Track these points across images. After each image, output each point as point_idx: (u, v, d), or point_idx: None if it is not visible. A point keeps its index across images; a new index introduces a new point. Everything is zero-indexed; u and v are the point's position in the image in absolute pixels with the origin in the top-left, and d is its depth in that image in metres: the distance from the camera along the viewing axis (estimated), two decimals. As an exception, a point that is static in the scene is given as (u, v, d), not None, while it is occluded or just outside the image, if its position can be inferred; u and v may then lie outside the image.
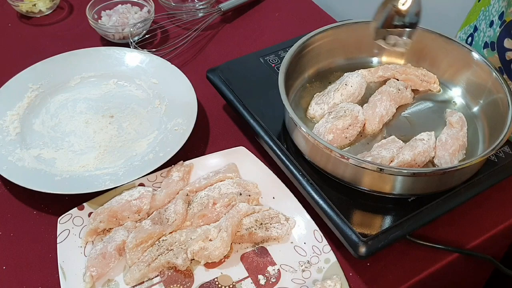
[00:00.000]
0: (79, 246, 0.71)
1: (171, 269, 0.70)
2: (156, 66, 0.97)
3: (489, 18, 0.84)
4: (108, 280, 0.69)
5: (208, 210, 0.74)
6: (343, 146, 0.78)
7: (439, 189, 0.72)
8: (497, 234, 0.77)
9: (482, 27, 0.86)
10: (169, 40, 1.09)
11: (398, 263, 0.73)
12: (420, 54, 0.89)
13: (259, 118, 0.82)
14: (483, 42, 0.86)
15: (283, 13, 1.18)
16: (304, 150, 0.75)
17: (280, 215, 0.74)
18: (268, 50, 0.95)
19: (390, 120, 0.82)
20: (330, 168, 0.72)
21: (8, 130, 0.86)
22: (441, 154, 0.75)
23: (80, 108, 0.92)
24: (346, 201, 0.71)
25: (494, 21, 0.82)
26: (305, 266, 0.70)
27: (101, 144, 0.85)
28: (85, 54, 0.98)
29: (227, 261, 0.71)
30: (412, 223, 0.70)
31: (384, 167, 0.68)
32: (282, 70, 0.78)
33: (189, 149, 0.86)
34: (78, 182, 0.78)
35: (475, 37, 0.81)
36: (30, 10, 1.13)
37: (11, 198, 0.80)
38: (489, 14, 0.84)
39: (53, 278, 0.70)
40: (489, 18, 0.84)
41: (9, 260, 0.72)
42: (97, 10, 1.09)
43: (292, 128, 0.76)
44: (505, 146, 0.78)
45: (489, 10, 0.85)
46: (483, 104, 0.83)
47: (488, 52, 0.84)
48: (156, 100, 0.93)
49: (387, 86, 0.84)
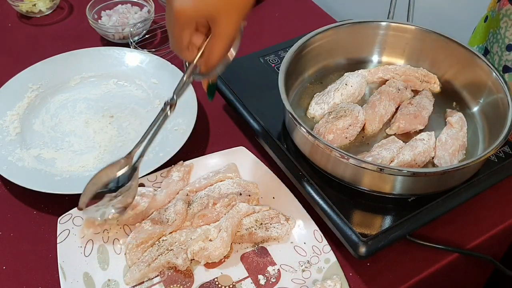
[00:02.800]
0: (79, 246, 0.71)
1: (171, 269, 0.70)
2: (156, 66, 0.97)
3: (503, 41, 0.84)
4: (108, 280, 0.69)
5: (208, 210, 0.74)
6: (343, 146, 0.78)
7: (439, 189, 0.72)
8: (497, 234, 0.77)
9: (496, 50, 0.86)
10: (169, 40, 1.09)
11: (398, 263, 0.73)
12: (420, 54, 0.89)
13: (259, 118, 0.82)
14: (500, 65, 0.86)
15: (283, 13, 1.18)
16: (304, 150, 0.75)
17: (280, 215, 0.74)
18: (268, 50, 0.95)
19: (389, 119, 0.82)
20: (330, 168, 0.72)
21: (8, 130, 0.86)
22: (441, 154, 0.75)
23: (80, 108, 0.92)
24: (346, 201, 0.71)
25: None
26: (305, 266, 0.70)
27: (101, 144, 0.85)
28: (85, 54, 0.98)
29: (227, 261, 0.71)
30: (412, 223, 0.70)
31: (384, 167, 0.68)
32: (282, 70, 0.78)
33: (189, 149, 0.85)
34: (78, 182, 0.78)
35: (488, 59, 0.81)
36: (30, 10, 1.13)
37: (11, 198, 0.80)
38: (502, 38, 0.84)
39: (53, 278, 0.70)
40: (503, 41, 0.84)
41: (9, 260, 0.72)
42: (97, 10, 1.09)
43: (292, 128, 0.76)
44: (505, 146, 0.78)
45: (500, 33, 0.84)
46: (483, 104, 0.83)
47: (510, 76, 0.84)
48: (156, 100, 0.93)
49: (386, 86, 0.84)
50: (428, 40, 0.87)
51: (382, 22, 0.89)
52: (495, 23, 0.86)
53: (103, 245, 0.72)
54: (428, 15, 1.08)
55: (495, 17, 0.87)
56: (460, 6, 1.09)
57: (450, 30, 0.88)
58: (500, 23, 0.85)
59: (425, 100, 0.83)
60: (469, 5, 1.07)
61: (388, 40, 0.90)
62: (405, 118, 0.80)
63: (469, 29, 0.98)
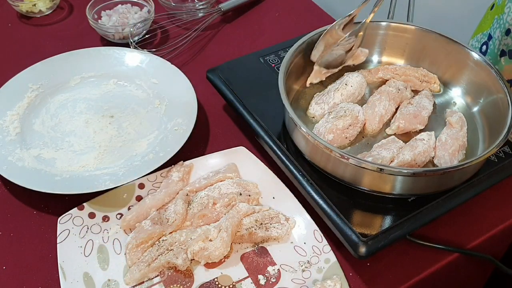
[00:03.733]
0: (79, 246, 0.71)
1: (171, 269, 0.70)
2: (156, 66, 0.97)
3: (504, 26, 0.84)
4: (108, 280, 0.69)
5: (208, 210, 0.74)
6: (343, 146, 0.78)
7: (439, 189, 0.72)
8: (497, 234, 0.77)
9: (497, 35, 0.86)
10: (169, 40, 1.09)
11: (398, 263, 0.73)
12: (420, 54, 0.89)
13: (259, 118, 0.82)
14: (499, 50, 0.86)
15: (283, 13, 1.18)
16: (304, 150, 0.75)
17: (280, 215, 0.74)
18: (268, 50, 0.95)
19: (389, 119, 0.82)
20: (330, 168, 0.72)
21: (8, 130, 0.86)
22: (440, 154, 0.75)
23: (80, 108, 0.92)
24: (346, 201, 0.71)
25: (511, 30, 0.82)
26: (305, 266, 0.70)
27: (101, 144, 0.85)
28: (85, 54, 0.98)
29: (227, 261, 0.71)
30: (412, 223, 0.70)
31: (384, 167, 0.68)
32: (282, 70, 0.78)
33: (189, 149, 0.86)
34: (78, 182, 0.78)
35: (490, 45, 0.82)
36: (30, 10, 1.13)
37: (11, 198, 0.80)
38: (504, 22, 0.84)
39: (53, 278, 0.70)
40: (504, 26, 0.84)
41: (9, 260, 0.72)
42: (97, 10, 1.09)
43: (292, 128, 0.76)
44: (505, 146, 0.78)
45: (503, 18, 0.85)
46: (483, 104, 0.83)
47: (505, 60, 0.84)
48: (156, 100, 0.93)
49: (386, 86, 0.85)
50: (428, 40, 0.87)
51: (382, 22, 0.89)
52: (501, 9, 0.86)
53: (103, 245, 0.72)
54: (428, 15, 1.09)
55: (501, 4, 0.87)
56: (460, 6, 1.09)
57: (450, 30, 0.88)
58: (504, 9, 0.85)
59: (425, 100, 0.83)
60: (468, 5, 1.07)
61: (388, 40, 0.90)
62: (404, 118, 0.80)
63: (469, 29, 0.98)
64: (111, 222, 0.74)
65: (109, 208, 0.75)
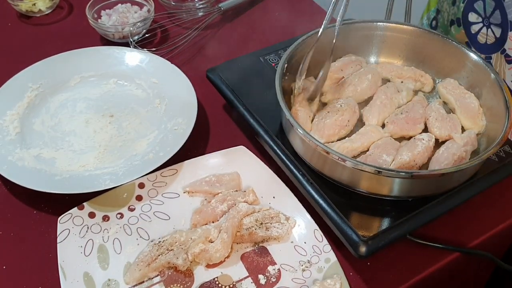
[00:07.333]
0: (79, 245, 0.71)
1: (171, 269, 0.70)
2: (156, 66, 0.97)
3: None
4: (108, 280, 0.69)
5: (204, 205, 0.74)
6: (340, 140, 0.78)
7: (438, 191, 0.72)
8: (497, 233, 0.77)
9: (445, 8, 0.86)
10: (169, 40, 1.09)
11: (399, 263, 0.73)
12: (417, 54, 0.89)
13: (259, 118, 0.82)
14: (448, 21, 0.87)
15: (283, 13, 1.18)
16: (301, 153, 0.75)
17: (280, 215, 0.74)
18: (268, 49, 0.95)
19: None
20: (327, 171, 0.72)
21: (8, 129, 0.86)
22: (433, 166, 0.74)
23: (80, 108, 0.92)
24: (346, 201, 0.71)
25: None
26: (305, 265, 0.70)
27: (101, 144, 0.85)
28: (85, 54, 0.98)
29: (227, 260, 0.71)
30: (412, 223, 0.69)
31: (382, 169, 0.67)
32: (278, 70, 0.78)
33: (189, 149, 0.85)
34: (78, 181, 0.78)
35: (439, 19, 0.83)
36: (29, 9, 1.13)
37: (11, 198, 0.80)
38: None
39: (53, 278, 0.70)
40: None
41: (9, 260, 0.72)
42: (97, 10, 1.09)
43: (289, 129, 0.76)
44: (505, 145, 0.78)
45: None
46: (482, 103, 0.82)
47: (455, 28, 0.85)
48: (156, 100, 0.93)
49: (385, 86, 0.85)
50: (425, 40, 0.87)
51: (380, 23, 0.89)
52: None
53: (103, 244, 0.72)
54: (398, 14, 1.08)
55: None
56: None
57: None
58: None
59: (418, 105, 0.82)
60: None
61: (385, 40, 0.90)
62: (397, 122, 0.79)
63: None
64: (111, 222, 0.74)
65: (109, 208, 0.75)
